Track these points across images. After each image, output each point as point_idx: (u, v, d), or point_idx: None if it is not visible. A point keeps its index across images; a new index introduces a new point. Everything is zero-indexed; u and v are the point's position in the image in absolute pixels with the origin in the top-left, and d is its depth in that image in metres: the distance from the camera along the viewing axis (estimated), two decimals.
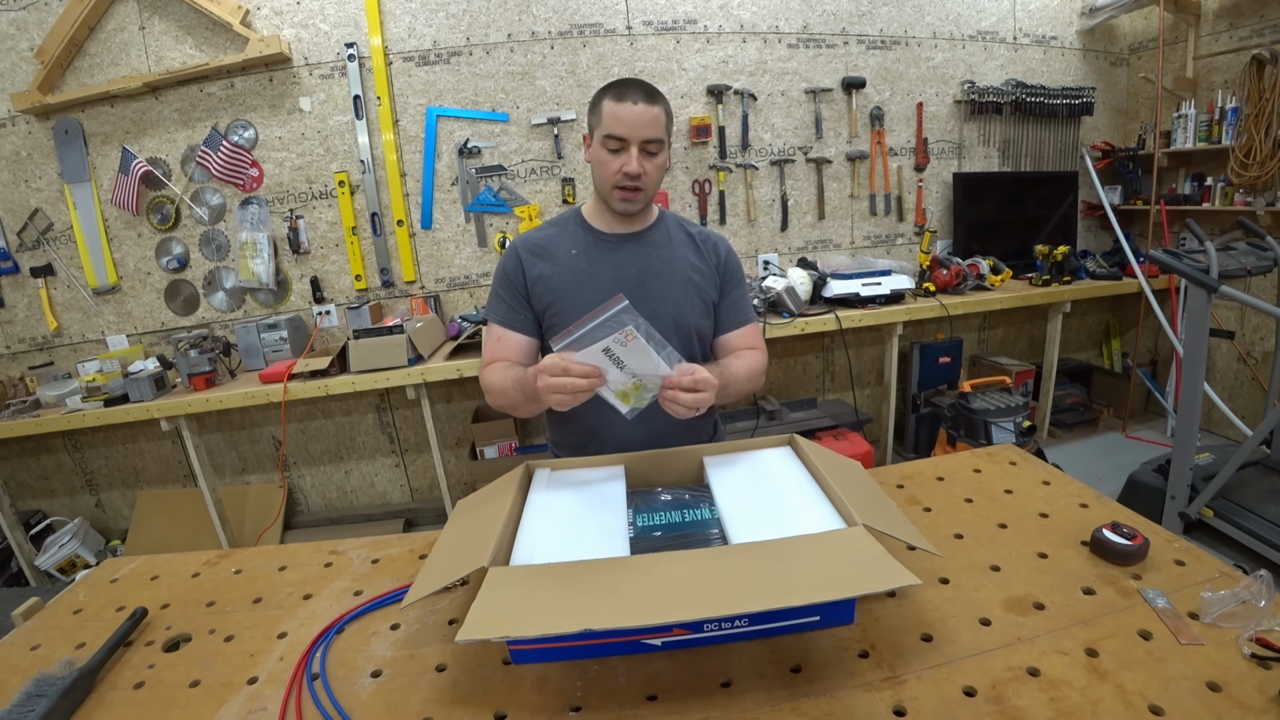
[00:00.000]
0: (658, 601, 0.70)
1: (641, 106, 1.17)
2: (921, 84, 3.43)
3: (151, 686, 0.83)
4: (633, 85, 1.20)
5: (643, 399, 1.02)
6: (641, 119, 1.18)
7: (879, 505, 0.91)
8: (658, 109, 1.20)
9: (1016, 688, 0.70)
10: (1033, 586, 0.87)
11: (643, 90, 1.19)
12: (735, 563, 0.77)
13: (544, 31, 3.00)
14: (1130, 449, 3.41)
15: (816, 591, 0.71)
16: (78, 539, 2.98)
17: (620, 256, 1.30)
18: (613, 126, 1.19)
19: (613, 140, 1.19)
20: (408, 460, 3.39)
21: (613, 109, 1.19)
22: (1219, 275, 2.06)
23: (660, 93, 1.22)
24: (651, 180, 1.24)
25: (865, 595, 0.85)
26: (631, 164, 1.19)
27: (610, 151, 1.21)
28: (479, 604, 0.70)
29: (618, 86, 1.20)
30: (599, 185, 1.27)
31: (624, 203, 1.25)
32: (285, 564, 1.11)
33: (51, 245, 2.97)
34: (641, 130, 1.18)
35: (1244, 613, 0.77)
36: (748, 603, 0.70)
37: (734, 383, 1.26)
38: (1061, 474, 1.20)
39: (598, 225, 1.33)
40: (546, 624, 0.67)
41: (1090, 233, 3.91)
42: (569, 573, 0.77)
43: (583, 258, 1.29)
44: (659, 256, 1.32)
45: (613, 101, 1.19)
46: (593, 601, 0.71)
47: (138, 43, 2.79)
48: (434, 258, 3.15)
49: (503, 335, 1.31)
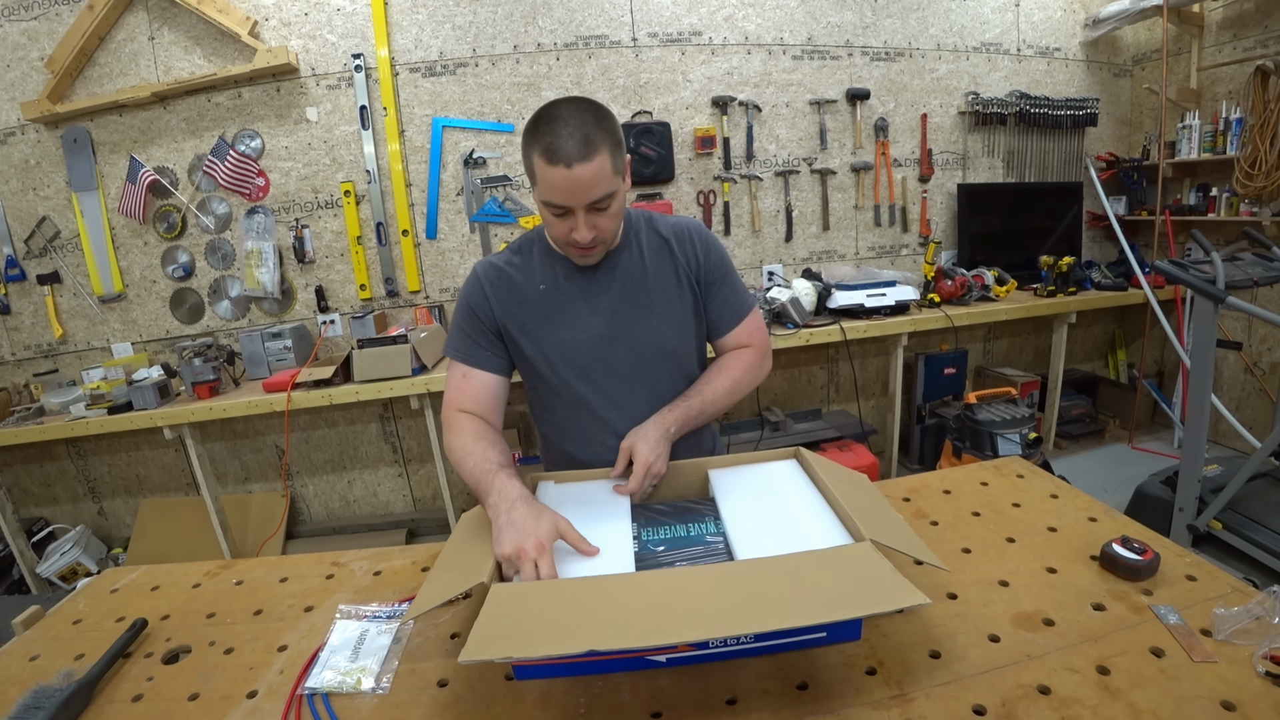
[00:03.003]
0: (664, 620, 0.69)
1: (579, 168, 0.97)
2: (926, 95, 3.44)
3: (150, 699, 0.82)
4: (564, 135, 0.97)
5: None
6: (579, 183, 0.98)
7: (886, 520, 0.90)
8: (597, 160, 0.98)
9: (1027, 706, 0.69)
10: (1042, 602, 0.86)
11: (575, 142, 0.96)
12: (742, 580, 0.76)
13: (549, 43, 3.02)
14: (1137, 460, 3.39)
15: (824, 611, 0.70)
16: (79, 547, 2.98)
17: (592, 289, 1.19)
18: (549, 194, 1.01)
19: (553, 207, 1.03)
20: (410, 470, 3.38)
21: (545, 173, 0.99)
22: (1225, 286, 2.05)
23: (598, 130, 0.99)
24: (609, 231, 1.09)
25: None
26: (581, 232, 1.04)
27: (555, 215, 1.05)
28: (482, 622, 0.69)
29: (546, 136, 0.98)
30: (553, 239, 1.17)
31: (582, 258, 1.14)
32: (287, 575, 1.11)
33: (58, 253, 2.98)
34: (581, 195, 1.00)
35: (1258, 629, 0.75)
36: (755, 622, 0.69)
37: (711, 405, 1.21)
38: (1069, 487, 1.19)
39: (564, 252, 1.18)
40: (552, 644, 0.66)
41: (1095, 243, 3.90)
42: (573, 589, 0.76)
43: (552, 293, 1.19)
44: (633, 280, 1.20)
45: (544, 162, 0.98)
46: (598, 620, 0.70)
47: (147, 53, 2.82)
48: (439, 268, 3.16)
49: (468, 373, 1.19)
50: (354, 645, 0.88)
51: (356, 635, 0.90)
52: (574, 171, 0.97)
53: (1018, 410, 2.85)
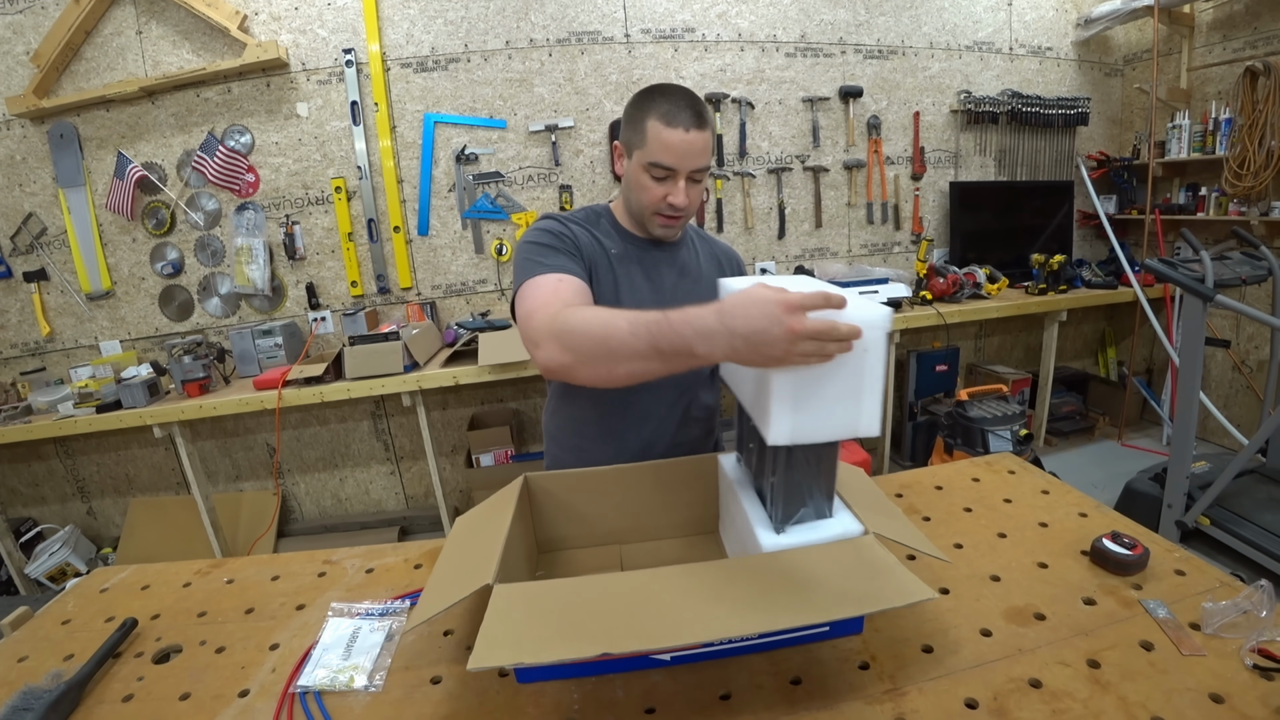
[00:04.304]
0: (675, 620, 0.68)
1: (693, 134, 1.05)
2: (918, 93, 3.45)
3: (141, 699, 0.81)
4: (682, 105, 1.06)
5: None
6: (693, 148, 1.06)
7: (886, 512, 0.90)
8: (708, 132, 1.08)
9: (1018, 699, 0.70)
10: (1033, 597, 0.87)
11: (693, 111, 1.06)
12: (749, 577, 0.75)
13: (542, 39, 3.01)
14: (1126, 457, 3.41)
15: (834, 608, 0.69)
16: (68, 547, 2.95)
17: (656, 268, 1.23)
18: (661, 155, 1.06)
19: (659, 169, 1.08)
20: (403, 468, 3.37)
21: (661, 134, 1.05)
22: (1214, 284, 2.07)
23: (706, 110, 1.09)
24: (696, 203, 1.15)
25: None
26: (679, 196, 1.10)
27: (654, 179, 1.10)
28: (488, 627, 0.67)
29: (664, 104, 1.06)
30: (636, 207, 1.17)
31: (664, 229, 1.17)
32: (278, 573, 1.10)
33: (45, 250, 2.95)
34: (691, 160, 1.07)
35: (1245, 623, 0.76)
36: (768, 620, 0.68)
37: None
38: (1060, 483, 1.20)
39: (632, 230, 1.23)
40: (563, 649, 0.64)
41: (1086, 242, 3.93)
42: (577, 590, 0.75)
43: (621, 260, 1.20)
44: (689, 274, 1.25)
45: (661, 124, 1.05)
46: (606, 622, 0.68)
47: (134, 47, 2.79)
48: (430, 264, 3.15)
49: (562, 279, 1.06)
50: (346, 643, 0.87)
51: (349, 633, 0.89)
52: (690, 136, 1.05)
53: (1009, 407, 2.87)
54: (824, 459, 0.83)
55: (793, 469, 0.82)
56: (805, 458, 0.82)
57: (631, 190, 1.16)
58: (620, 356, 0.82)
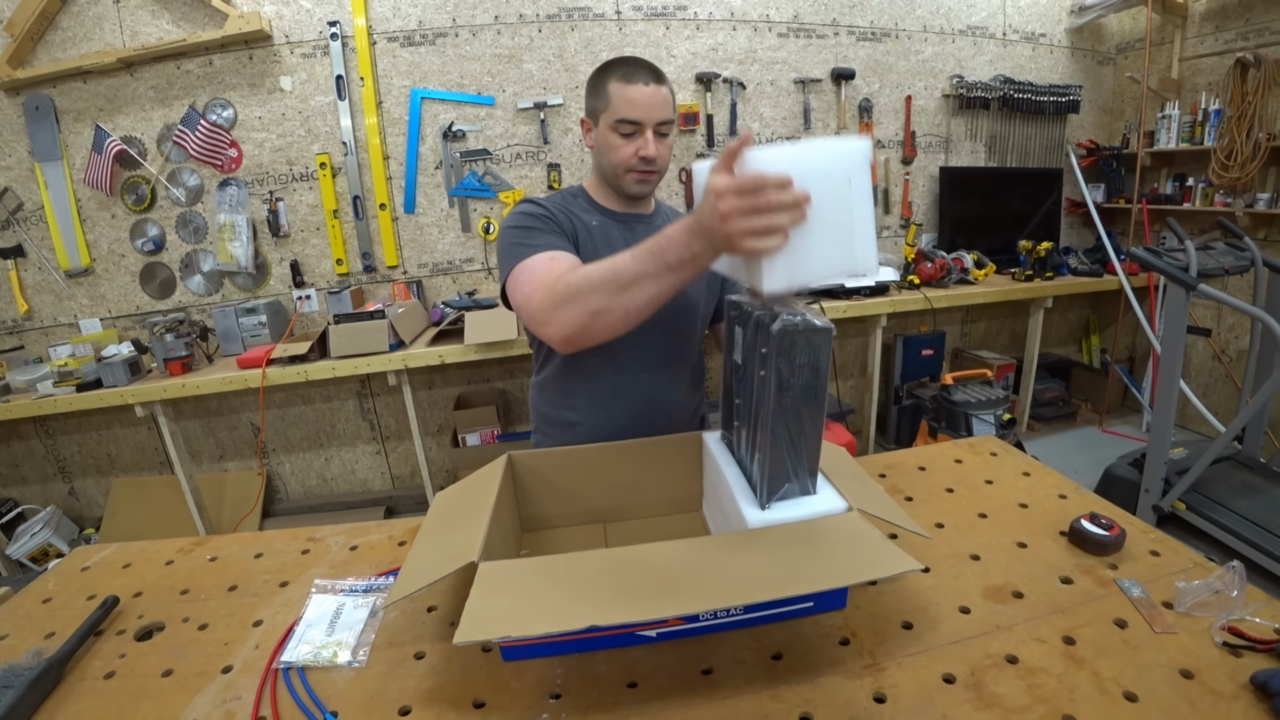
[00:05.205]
0: (660, 593, 0.69)
1: (652, 87, 1.13)
2: (911, 77, 3.43)
3: (123, 676, 0.81)
4: (638, 65, 1.14)
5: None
6: (654, 100, 1.13)
7: (869, 490, 0.91)
8: (666, 88, 1.16)
9: (995, 675, 0.71)
10: (1012, 575, 0.88)
11: (649, 70, 1.14)
12: (736, 550, 0.76)
13: (531, 14, 2.95)
14: (1107, 443, 3.47)
15: (821, 579, 0.70)
16: (50, 527, 2.92)
17: (634, 238, 1.20)
18: (625, 110, 1.13)
19: (626, 124, 1.14)
20: (389, 447, 3.36)
21: (623, 91, 1.13)
22: (1198, 274, 2.09)
23: (662, 70, 1.18)
24: (664, 161, 1.20)
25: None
26: (649, 148, 1.15)
27: (623, 136, 1.15)
28: (473, 602, 0.68)
29: (621, 67, 1.15)
30: (608, 170, 1.21)
31: (640, 184, 1.20)
32: (262, 551, 1.10)
33: (22, 226, 2.88)
34: (655, 112, 1.14)
35: (1217, 602, 0.78)
36: (753, 592, 0.68)
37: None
38: (1041, 465, 1.21)
39: (607, 205, 1.27)
40: (550, 622, 0.65)
41: (1073, 229, 3.95)
42: (563, 565, 0.76)
43: (601, 232, 1.23)
44: None
45: (622, 83, 1.13)
46: (593, 595, 0.69)
47: (112, 17, 2.71)
48: (417, 242, 3.11)
49: (555, 255, 1.10)
50: (330, 619, 0.87)
51: (332, 609, 0.89)
52: (650, 89, 1.13)
53: (993, 392, 2.90)
54: (808, 434, 0.84)
55: (778, 446, 0.82)
56: (789, 430, 0.82)
57: (603, 154, 1.20)
58: (633, 284, 0.87)
